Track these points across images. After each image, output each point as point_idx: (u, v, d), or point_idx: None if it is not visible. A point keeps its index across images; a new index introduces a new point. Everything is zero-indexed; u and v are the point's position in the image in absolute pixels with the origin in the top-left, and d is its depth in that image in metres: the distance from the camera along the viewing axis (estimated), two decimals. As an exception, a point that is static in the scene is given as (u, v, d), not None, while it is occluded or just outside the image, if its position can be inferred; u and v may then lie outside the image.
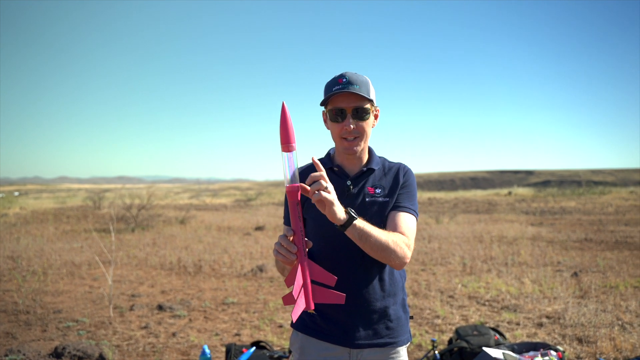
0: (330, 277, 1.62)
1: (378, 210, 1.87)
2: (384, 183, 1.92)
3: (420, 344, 4.84)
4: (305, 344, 1.92)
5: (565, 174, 77.80)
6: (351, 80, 1.79)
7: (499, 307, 6.10)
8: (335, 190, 1.85)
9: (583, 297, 6.40)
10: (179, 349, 4.79)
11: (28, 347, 4.63)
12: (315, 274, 1.62)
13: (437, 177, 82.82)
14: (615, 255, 9.55)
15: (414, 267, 8.77)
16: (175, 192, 59.71)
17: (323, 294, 1.63)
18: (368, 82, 1.84)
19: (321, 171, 1.58)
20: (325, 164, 1.94)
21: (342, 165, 1.94)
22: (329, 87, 1.84)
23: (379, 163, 1.97)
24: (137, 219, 16.74)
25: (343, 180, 1.91)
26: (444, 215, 19.53)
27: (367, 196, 1.88)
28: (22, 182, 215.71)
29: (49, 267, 8.95)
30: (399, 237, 1.76)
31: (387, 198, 1.89)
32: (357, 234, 1.66)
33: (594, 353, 4.41)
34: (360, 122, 1.83)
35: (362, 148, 1.88)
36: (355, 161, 1.93)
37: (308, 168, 1.98)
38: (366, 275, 1.86)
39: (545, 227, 15.09)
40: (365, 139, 1.87)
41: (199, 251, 10.85)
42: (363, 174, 1.92)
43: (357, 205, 1.86)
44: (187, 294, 7.03)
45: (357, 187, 1.90)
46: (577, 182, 53.48)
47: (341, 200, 1.82)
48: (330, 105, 1.84)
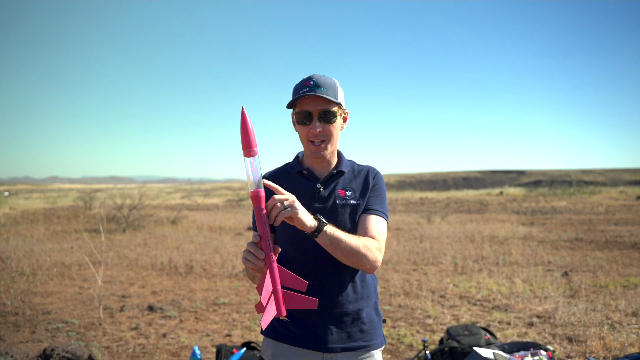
0: (301, 282, 1.60)
1: (350, 212, 1.86)
2: (354, 186, 1.91)
3: (412, 344, 4.84)
4: (277, 350, 1.88)
5: (557, 174, 78.35)
6: (319, 83, 1.78)
7: (490, 306, 6.12)
8: (306, 193, 1.85)
9: (573, 297, 6.44)
10: (169, 350, 4.76)
11: (16, 349, 4.58)
12: (285, 279, 1.59)
13: (429, 177, 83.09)
14: (605, 255, 9.62)
15: (405, 267, 8.78)
16: (167, 192, 59.44)
17: (295, 299, 1.60)
18: (336, 85, 1.83)
19: (276, 191, 1.58)
20: (294, 168, 1.94)
21: (311, 168, 1.93)
22: (296, 90, 1.83)
23: (348, 166, 1.96)
24: (128, 219, 16.64)
25: (313, 183, 1.89)
26: (436, 215, 19.59)
27: (338, 199, 1.86)
28: (13, 182, 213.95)
29: (39, 267, 8.87)
30: (370, 242, 1.75)
31: (358, 201, 1.88)
32: (328, 240, 1.64)
33: (584, 352, 4.43)
34: (327, 125, 1.81)
35: (329, 151, 1.87)
36: (324, 164, 1.92)
37: (277, 172, 1.98)
38: (338, 279, 1.84)
39: (536, 226, 15.18)
40: (333, 142, 1.86)
41: (190, 251, 10.80)
42: (333, 176, 1.91)
43: (328, 207, 1.84)
44: (178, 295, 6.99)
45: (328, 189, 1.88)
46: (568, 182, 53.82)
47: (312, 203, 1.82)
48: (297, 107, 1.83)
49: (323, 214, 1.81)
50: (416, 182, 76.59)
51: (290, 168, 1.96)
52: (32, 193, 58.28)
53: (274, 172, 1.99)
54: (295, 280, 1.59)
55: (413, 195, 39.15)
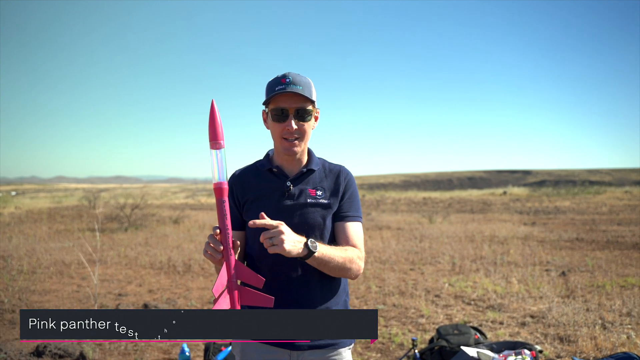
0: (258, 279, 1.61)
1: (321, 211, 1.87)
2: (324, 185, 1.93)
3: (403, 343, 4.84)
4: (246, 347, 1.90)
5: (562, 174, 77.89)
6: (294, 81, 1.80)
7: (484, 306, 6.11)
8: (275, 191, 1.88)
9: (569, 297, 6.42)
10: (160, 348, 4.79)
11: (10, 346, 4.64)
12: (243, 275, 1.60)
13: (434, 177, 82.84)
14: (605, 255, 9.57)
15: (402, 267, 8.78)
16: (172, 191, 59.64)
17: (251, 295, 1.61)
18: (311, 84, 1.85)
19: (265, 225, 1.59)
20: (264, 165, 1.95)
21: (281, 166, 1.94)
22: (271, 87, 1.84)
23: (319, 164, 1.98)
24: (131, 219, 16.73)
25: (282, 181, 1.90)
26: (438, 215, 19.54)
27: (308, 197, 1.88)
28: (20, 182, 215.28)
29: (38, 266, 8.93)
30: (354, 253, 1.81)
31: (329, 200, 1.90)
32: (317, 262, 1.71)
33: (575, 352, 4.42)
34: (301, 123, 1.83)
35: (302, 149, 1.89)
36: (295, 162, 1.94)
37: (247, 169, 2.00)
38: (306, 277, 1.85)
39: (538, 226, 15.12)
40: (306, 140, 1.88)
41: (190, 250, 10.84)
42: (303, 174, 1.92)
43: (298, 205, 1.86)
44: (174, 293, 7.03)
45: (297, 187, 1.90)
46: (573, 182, 53.54)
47: (282, 201, 1.85)
48: (272, 104, 1.84)
49: (293, 211, 1.84)
50: (421, 182, 76.37)
51: (260, 165, 1.97)
52: (38, 193, 58.66)
53: (244, 170, 2.00)
54: (252, 276, 1.61)
55: (416, 195, 39.09)
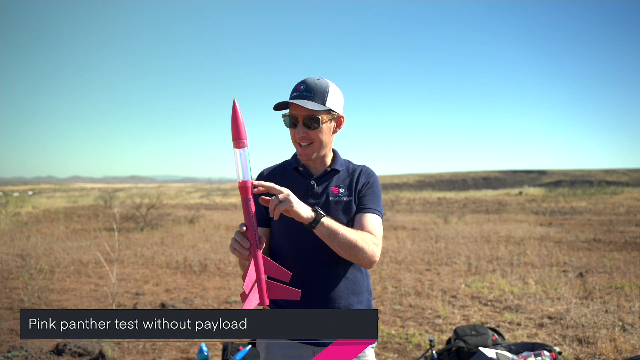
0: (285, 273, 1.64)
1: (343, 209, 1.90)
2: (347, 183, 1.95)
3: (420, 343, 4.84)
4: (271, 343, 1.93)
5: (578, 174, 77.01)
6: (308, 88, 1.82)
7: (502, 307, 6.07)
8: (300, 189, 1.89)
9: (587, 298, 6.35)
10: (178, 347, 4.84)
11: (31, 344, 4.72)
12: (269, 269, 1.64)
13: (449, 177, 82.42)
14: (623, 256, 9.45)
15: (418, 267, 8.75)
16: (187, 191, 60.04)
17: (278, 289, 1.64)
18: (326, 90, 1.84)
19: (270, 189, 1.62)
20: (291, 164, 2.00)
21: (307, 165, 1.99)
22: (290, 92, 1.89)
23: (343, 165, 2.01)
24: (147, 218, 16.88)
25: (307, 180, 1.94)
26: (453, 215, 19.43)
27: (331, 195, 1.91)
28: (36, 182, 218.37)
29: (57, 265, 9.06)
30: (368, 236, 1.79)
31: (351, 197, 1.92)
32: (326, 231, 1.69)
33: (594, 354, 4.37)
34: (311, 131, 1.85)
35: (316, 155, 1.91)
36: (318, 163, 1.97)
37: (275, 168, 2.04)
38: (330, 273, 1.88)
39: (554, 227, 14.97)
40: (321, 147, 1.90)
41: (205, 250, 10.92)
42: (327, 174, 1.96)
43: (321, 204, 1.89)
44: (191, 293, 7.09)
45: (321, 186, 1.93)
46: (589, 182, 52.86)
47: (305, 199, 1.86)
48: (289, 110, 1.88)
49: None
50: (435, 182, 76.03)
51: (287, 164, 2.02)
52: (55, 192, 59.44)
53: (272, 169, 2.05)
54: (279, 271, 1.65)
55: (431, 195, 38.90)
